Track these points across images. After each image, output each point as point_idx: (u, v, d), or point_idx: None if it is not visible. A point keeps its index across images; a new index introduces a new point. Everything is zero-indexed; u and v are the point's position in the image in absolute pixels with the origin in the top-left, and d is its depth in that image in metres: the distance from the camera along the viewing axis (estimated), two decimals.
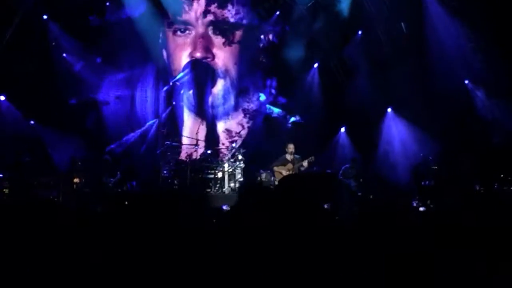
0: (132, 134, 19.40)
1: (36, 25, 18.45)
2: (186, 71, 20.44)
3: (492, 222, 4.30)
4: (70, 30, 18.92)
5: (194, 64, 20.48)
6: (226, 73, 20.77)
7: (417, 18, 18.31)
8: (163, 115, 19.89)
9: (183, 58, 20.59)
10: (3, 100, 18.11)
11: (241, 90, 20.81)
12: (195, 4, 20.29)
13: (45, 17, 18.66)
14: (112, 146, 18.77)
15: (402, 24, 18.86)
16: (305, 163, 15.57)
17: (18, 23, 17.83)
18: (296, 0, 19.67)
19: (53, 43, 18.87)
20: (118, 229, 2.35)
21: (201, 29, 20.45)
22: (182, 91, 20.46)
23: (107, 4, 19.47)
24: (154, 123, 19.70)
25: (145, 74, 20.37)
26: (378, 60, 18.91)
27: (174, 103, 20.31)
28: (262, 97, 20.57)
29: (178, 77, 20.39)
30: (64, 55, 18.97)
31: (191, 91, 20.54)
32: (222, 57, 20.75)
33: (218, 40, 20.65)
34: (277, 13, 20.06)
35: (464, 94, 18.02)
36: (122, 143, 19.10)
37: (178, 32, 20.48)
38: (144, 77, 20.39)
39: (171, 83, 20.37)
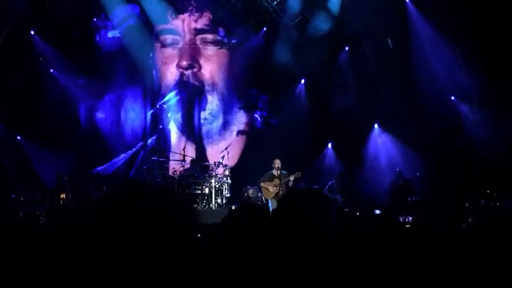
0: (120, 158, 19.23)
1: (23, 41, 18.43)
2: (174, 92, 20.37)
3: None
4: (58, 46, 18.93)
5: (182, 85, 20.44)
6: (213, 87, 20.72)
7: (403, 34, 18.42)
8: (150, 140, 19.75)
9: (171, 71, 20.55)
10: None
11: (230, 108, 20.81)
12: (180, 15, 20.36)
13: (32, 32, 18.66)
14: (99, 168, 18.59)
15: (388, 40, 18.96)
16: (291, 178, 15.50)
17: (4, 38, 17.80)
18: (283, 16, 19.74)
19: (40, 59, 18.86)
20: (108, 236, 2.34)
21: (188, 37, 20.49)
22: (169, 114, 20.31)
23: (94, 19, 19.50)
24: (141, 148, 19.61)
25: (132, 92, 20.30)
26: (365, 75, 18.99)
27: (161, 126, 20.21)
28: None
29: (165, 99, 20.28)
30: (51, 70, 18.94)
31: (179, 114, 20.44)
32: (210, 69, 20.73)
33: (206, 51, 20.67)
34: (264, 29, 20.12)
35: (450, 109, 18.09)
36: (109, 165, 18.95)
37: (166, 44, 20.53)
38: (132, 95, 20.31)
39: (158, 106, 20.26)
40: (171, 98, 20.32)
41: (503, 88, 16.10)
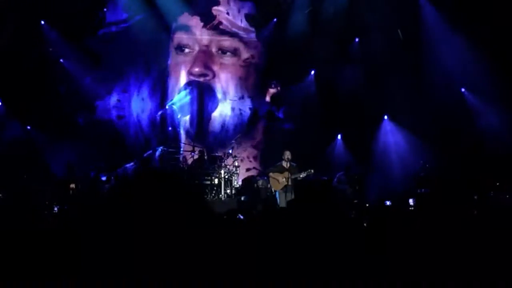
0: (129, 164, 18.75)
1: (33, 31, 18.45)
2: (185, 92, 19.92)
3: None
4: (68, 36, 18.95)
5: (192, 85, 19.94)
6: (226, 97, 20.13)
7: (413, 25, 18.36)
8: (157, 152, 18.50)
9: (182, 77, 20.04)
10: None
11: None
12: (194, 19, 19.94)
13: (42, 22, 18.66)
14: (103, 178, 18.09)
15: (399, 31, 18.89)
16: (302, 175, 15.43)
17: (14, 29, 17.83)
18: (293, 7, 19.65)
19: (50, 49, 18.86)
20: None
21: (204, 41, 19.93)
22: (179, 116, 19.89)
23: (105, 10, 19.45)
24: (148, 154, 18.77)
25: (142, 88, 20.10)
26: (375, 67, 18.91)
27: (170, 128, 19.78)
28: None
29: (174, 100, 19.91)
30: (61, 60, 18.93)
31: (187, 117, 19.98)
32: (224, 78, 20.13)
33: (221, 59, 20.11)
34: (274, 20, 20.00)
35: (460, 101, 18.03)
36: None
37: (182, 45, 20.02)
38: (141, 92, 20.10)
39: (167, 107, 19.92)
40: (182, 98, 19.88)
41: None
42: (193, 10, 19.93)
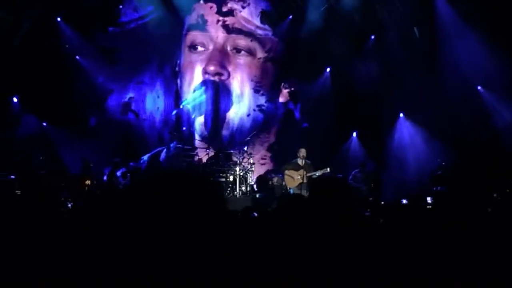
0: (144, 158, 18.73)
1: (49, 28, 18.53)
2: (199, 91, 19.78)
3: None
4: (84, 33, 19.03)
5: (207, 84, 19.78)
6: (242, 97, 20.09)
7: (429, 23, 18.30)
8: (171, 148, 18.50)
9: (196, 75, 19.92)
10: (15, 102, 18.20)
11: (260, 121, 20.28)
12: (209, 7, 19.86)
13: (58, 19, 18.74)
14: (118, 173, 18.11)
15: (415, 28, 18.83)
16: (318, 173, 15.46)
17: (31, 25, 17.93)
18: (309, 4, 19.59)
19: (66, 45, 18.93)
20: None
21: (220, 40, 19.85)
22: (193, 115, 19.80)
23: (120, 7, 19.48)
24: (163, 151, 18.90)
25: (157, 86, 20.12)
26: (391, 64, 18.85)
27: (184, 128, 19.61)
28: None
29: (189, 99, 19.81)
30: (77, 57, 19.00)
31: (202, 116, 19.90)
32: (240, 77, 20.04)
33: (236, 58, 20.05)
34: (290, 17, 19.93)
35: (476, 99, 17.95)
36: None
37: (196, 43, 19.91)
38: (156, 90, 20.14)
39: (181, 106, 19.82)
40: (196, 97, 19.76)
41: None
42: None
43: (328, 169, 15.40)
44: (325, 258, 3.21)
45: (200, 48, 19.94)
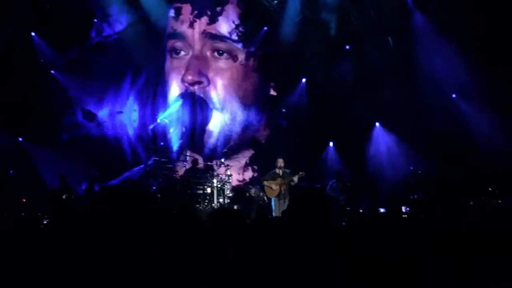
0: (123, 176, 18.56)
1: (24, 42, 18.45)
2: (176, 105, 19.35)
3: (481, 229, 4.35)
4: (58, 47, 18.95)
5: (185, 98, 19.32)
6: (224, 105, 19.52)
7: (404, 33, 18.45)
8: (149, 162, 18.36)
9: (174, 85, 19.57)
10: None
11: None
12: (183, 13, 19.60)
13: (33, 33, 18.65)
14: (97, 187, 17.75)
15: (389, 38, 18.96)
16: (295, 178, 15.58)
17: (5, 40, 17.84)
18: (283, 15, 19.62)
19: (41, 60, 18.84)
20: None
21: (197, 46, 19.36)
22: (171, 130, 19.38)
23: (95, 20, 19.40)
24: (140, 170, 18.82)
25: (133, 100, 19.89)
26: (366, 74, 18.95)
27: (162, 144, 19.06)
28: None
29: (166, 113, 19.37)
30: (52, 72, 18.90)
31: (179, 130, 19.51)
32: (220, 83, 19.48)
33: (217, 62, 19.53)
34: (265, 28, 19.87)
35: (451, 108, 18.09)
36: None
37: (177, 51, 19.57)
38: (131, 103, 19.89)
39: (158, 120, 19.41)
40: (173, 112, 19.36)
41: (504, 86, 16.16)
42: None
43: (303, 173, 15.55)
44: (301, 271, 3.22)
45: (182, 53, 19.55)
